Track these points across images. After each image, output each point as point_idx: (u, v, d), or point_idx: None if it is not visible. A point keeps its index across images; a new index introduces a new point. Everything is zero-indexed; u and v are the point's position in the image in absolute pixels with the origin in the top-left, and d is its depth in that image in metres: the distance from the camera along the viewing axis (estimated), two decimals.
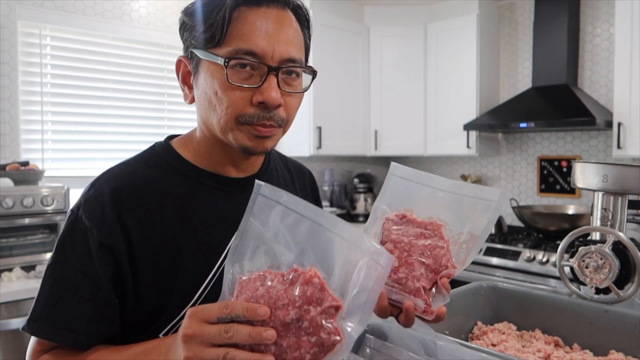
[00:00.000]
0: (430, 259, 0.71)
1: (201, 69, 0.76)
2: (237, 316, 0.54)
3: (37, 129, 2.60)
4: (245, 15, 0.72)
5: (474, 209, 0.75)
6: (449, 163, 3.84)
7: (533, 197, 3.37)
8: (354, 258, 0.56)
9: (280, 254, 0.58)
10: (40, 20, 2.57)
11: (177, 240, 0.77)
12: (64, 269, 0.73)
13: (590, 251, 1.05)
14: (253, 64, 0.72)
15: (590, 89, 3.08)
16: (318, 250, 0.57)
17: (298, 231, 0.58)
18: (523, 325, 1.13)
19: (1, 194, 2.08)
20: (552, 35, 3.00)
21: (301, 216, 0.59)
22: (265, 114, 0.74)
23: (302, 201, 0.60)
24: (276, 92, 0.73)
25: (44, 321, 0.71)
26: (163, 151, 0.84)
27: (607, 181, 1.06)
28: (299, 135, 3.27)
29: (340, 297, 0.55)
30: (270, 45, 0.72)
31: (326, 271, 0.56)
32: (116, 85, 2.87)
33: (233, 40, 0.72)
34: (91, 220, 0.74)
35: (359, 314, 0.55)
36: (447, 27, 3.40)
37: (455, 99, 3.37)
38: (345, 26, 3.42)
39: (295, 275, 0.56)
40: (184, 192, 0.80)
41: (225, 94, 0.73)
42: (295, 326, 0.54)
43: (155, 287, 0.75)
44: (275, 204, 0.60)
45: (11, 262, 2.13)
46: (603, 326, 1.02)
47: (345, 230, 0.57)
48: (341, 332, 0.54)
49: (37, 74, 2.59)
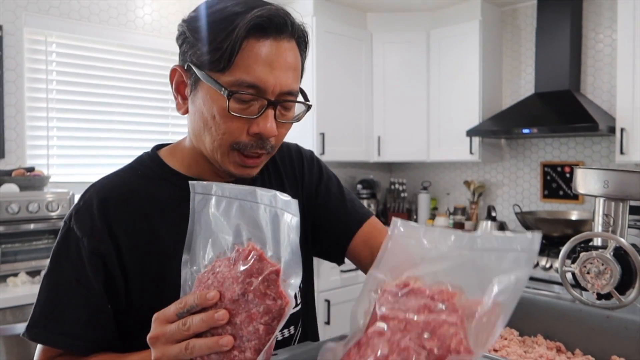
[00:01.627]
0: (434, 340, 0.50)
1: (200, 88, 0.76)
2: (191, 307, 0.57)
3: (42, 135, 2.62)
4: (252, 45, 0.71)
5: (498, 266, 0.53)
6: (452, 169, 3.84)
7: (536, 203, 3.37)
8: (277, 218, 0.59)
9: (222, 240, 0.61)
10: (46, 28, 2.60)
11: (164, 245, 0.79)
12: (59, 277, 0.76)
13: (591, 257, 1.06)
14: (253, 97, 0.73)
15: (593, 94, 3.09)
16: (250, 224, 0.60)
17: (230, 214, 0.61)
18: (525, 331, 1.13)
19: (7, 199, 2.10)
20: (555, 41, 3.01)
21: (230, 199, 0.62)
22: (259, 143, 0.76)
23: (228, 185, 0.63)
24: (272, 124, 0.74)
25: (43, 327, 0.74)
26: (150, 160, 0.86)
27: (608, 187, 1.06)
28: (302, 141, 3.25)
29: (277, 261, 0.57)
30: (272, 79, 0.72)
31: (261, 241, 0.59)
32: (121, 91, 2.89)
33: (237, 70, 0.71)
34: (82, 230, 0.77)
35: (294, 268, 0.57)
36: (450, 33, 3.41)
37: (458, 104, 3.37)
38: (348, 33, 3.44)
39: (237, 254, 0.59)
40: (170, 199, 0.82)
41: (223, 121, 0.74)
42: (243, 301, 0.56)
43: (145, 293, 0.77)
44: (209, 196, 0.63)
45: (16, 267, 2.15)
46: (605, 332, 1.02)
47: (263, 196, 0.60)
48: (285, 295, 0.56)
49: (42, 80, 2.61)
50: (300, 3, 3.34)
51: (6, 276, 2.10)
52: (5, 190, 2.14)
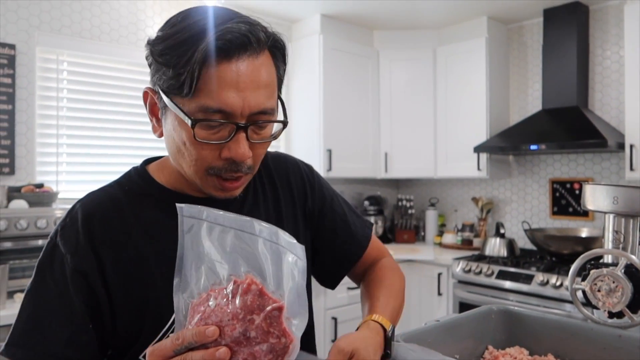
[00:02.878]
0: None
1: (169, 113, 0.73)
2: (190, 344, 0.55)
3: (52, 152, 2.65)
4: (214, 69, 0.67)
5: None
6: (459, 185, 3.83)
7: (545, 220, 3.34)
8: (279, 255, 0.57)
9: (218, 269, 0.59)
10: (57, 46, 2.65)
11: (147, 263, 0.77)
12: (42, 294, 0.75)
13: (602, 274, 1.04)
14: (221, 121, 0.69)
15: (602, 110, 3.08)
16: (248, 256, 0.58)
17: (225, 243, 0.59)
18: (535, 350, 1.11)
19: (16, 215, 2.11)
20: (562, 57, 3.01)
21: (224, 227, 0.59)
22: (234, 167, 0.73)
23: (221, 212, 0.60)
24: (244, 148, 0.71)
25: (22, 346, 0.72)
26: (137, 176, 0.85)
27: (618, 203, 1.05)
28: (309, 158, 3.29)
29: (279, 298, 0.55)
30: (240, 101, 0.68)
31: (261, 275, 0.57)
32: (130, 109, 2.92)
33: (201, 95, 0.68)
34: (66, 246, 0.76)
35: (299, 309, 0.56)
36: (456, 50, 3.43)
37: (465, 121, 3.37)
38: (355, 50, 3.47)
39: (235, 287, 0.56)
40: (154, 215, 0.80)
41: (193, 147, 0.71)
42: (245, 338, 0.54)
43: (128, 311, 0.76)
44: (200, 221, 0.60)
45: (24, 283, 2.15)
46: (617, 351, 1.00)
47: (263, 230, 0.58)
48: (290, 333, 0.54)
49: (53, 98, 2.65)
50: (307, 21, 3.38)
51: (13, 292, 2.10)
52: (14, 207, 2.16)
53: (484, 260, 3.01)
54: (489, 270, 2.86)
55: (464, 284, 2.95)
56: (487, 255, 3.11)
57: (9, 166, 2.46)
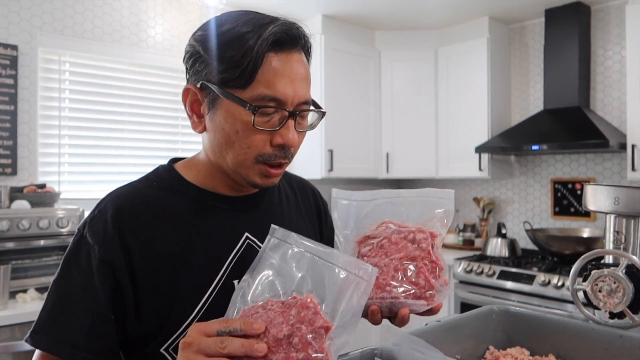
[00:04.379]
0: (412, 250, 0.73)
1: (219, 105, 0.76)
2: (234, 330, 0.59)
3: (54, 152, 2.65)
4: (271, 60, 0.74)
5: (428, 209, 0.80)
6: (461, 186, 3.83)
7: (547, 220, 3.34)
8: (344, 281, 0.62)
9: (282, 284, 0.64)
10: (59, 47, 2.65)
11: (175, 258, 0.79)
12: (67, 285, 0.76)
13: (603, 274, 1.04)
14: (275, 109, 0.75)
15: (603, 111, 3.08)
16: (315, 278, 0.63)
17: (300, 265, 0.65)
18: (536, 350, 1.11)
19: (18, 216, 2.12)
20: (563, 57, 3.01)
21: (304, 252, 0.66)
22: (282, 153, 0.78)
23: (307, 240, 0.67)
24: (294, 134, 0.77)
25: (45, 334, 0.74)
26: (166, 173, 0.87)
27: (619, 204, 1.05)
28: (310, 158, 3.29)
29: (330, 320, 0.59)
30: (292, 91, 0.75)
31: (321, 297, 0.62)
32: (132, 109, 2.93)
33: (259, 85, 0.73)
34: (94, 237, 0.77)
35: (345, 333, 0.60)
36: (458, 50, 3.43)
37: (466, 121, 3.37)
38: (356, 50, 3.47)
39: (293, 301, 0.61)
40: (184, 211, 0.82)
41: (247, 135, 0.76)
42: (286, 342, 0.58)
43: (154, 304, 0.77)
44: (285, 244, 0.67)
45: (26, 283, 2.16)
46: (618, 352, 1.00)
47: (338, 259, 0.64)
48: (328, 352, 0.58)
49: (55, 98, 2.66)
50: (308, 22, 3.38)
51: (16, 292, 2.11)
52: (16, 207, 2.17)
53: (485, 260, 3.01)
54: (491, 270, 2.86)
55: (465, 284, 2.95)
56: (489, 256, 3.11)
57: (11, 167, 2.47)
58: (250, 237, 0.85)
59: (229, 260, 0.82)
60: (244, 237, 0.85)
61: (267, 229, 0.70)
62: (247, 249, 0.84)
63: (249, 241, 0.85)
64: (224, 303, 0.68)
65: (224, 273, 0.81)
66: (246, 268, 0.67)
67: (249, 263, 0.68)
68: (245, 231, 0.85)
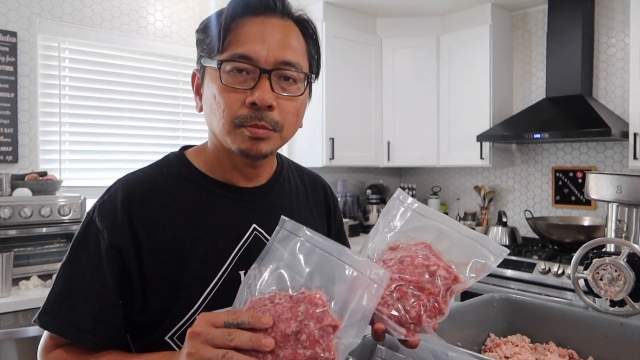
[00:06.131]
0: None
1: (205, 76, 0.81)
2: (242, 322, 0.58)
3: (55, 140, 2.65)
4: (243, 23, 0.77)
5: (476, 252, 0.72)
6: (462, 174, 3.82)
7: (548, 209, 3.34)
8: (355, 281, 0.61)
9: (291, 278, 0.63)
10: (59, 34, 2.64)
11: (183, 245, 0.79)
12: (75, 268, 0.77)
13: (604, 263, 1.04)
14: (247, 68, 0.76)
15: (606, 99, 3.06)
16: (325, 276, 0.62)
17: (310, 259, 0.64)
18: (537, 338, 1.12)
19: (20, 203, 2.12)
20: (566, 45, 2.99)
21: (314, 247, 0.64)
22: (257, 114, 0.76)
23: (318, 235, 0.65)
24: (267, 93, 0.75)
25: (53, 316, 0.76)
26: (176, 160, 0.87)
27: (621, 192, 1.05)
28: (312, 146, 3.29)
29: (339, 319, 0.59)
30: (264, 49, 0.76)
31: (330, 295, 0.61)
32: (132, 96, 2.92)
33: (231, 46, 0.76)
34: (103, 222, 0.78)
35: (353, 332, 0.59)
36: (460, 38, 3.40)
37: (468, 109, 3.36)
38: (358, 38, 3.44)
39: (302, 296, 0.60)
40: (193, 199, 0.83)
41: (222, 96, 0.76)
42: (294, 338, 0.57)
43: (160, 290, 0.78)
44: (295, 237, 0.66)
45: (29, 270, 2.17)
46: (618, 339, 1.00)
47: (350, 258, 0.63)
48: (335, 351, 0.57)
49: (55, 86, 2.64)
50: (310, 9, 3.34)
51: (18, 279, 2.12)
52: (18, 195, 2.17)
53: None
54: None
55: None
56: None
57: (12, 154, 2.47)
58: (257, 228, 0.85)
59: (235, 250, 0.82)
60: (252, 228, 0.85)
61: (275, 220, 0.69)
62: (254, 240, 0.84)
63: (256, 232, 0.85)
64: (230, 293, 0.68)
65: (230, 263, 0.81)
66: (253, 259, 0.67)
67: (256, 254, 0.68)
68: (253, 222, 0.85)
